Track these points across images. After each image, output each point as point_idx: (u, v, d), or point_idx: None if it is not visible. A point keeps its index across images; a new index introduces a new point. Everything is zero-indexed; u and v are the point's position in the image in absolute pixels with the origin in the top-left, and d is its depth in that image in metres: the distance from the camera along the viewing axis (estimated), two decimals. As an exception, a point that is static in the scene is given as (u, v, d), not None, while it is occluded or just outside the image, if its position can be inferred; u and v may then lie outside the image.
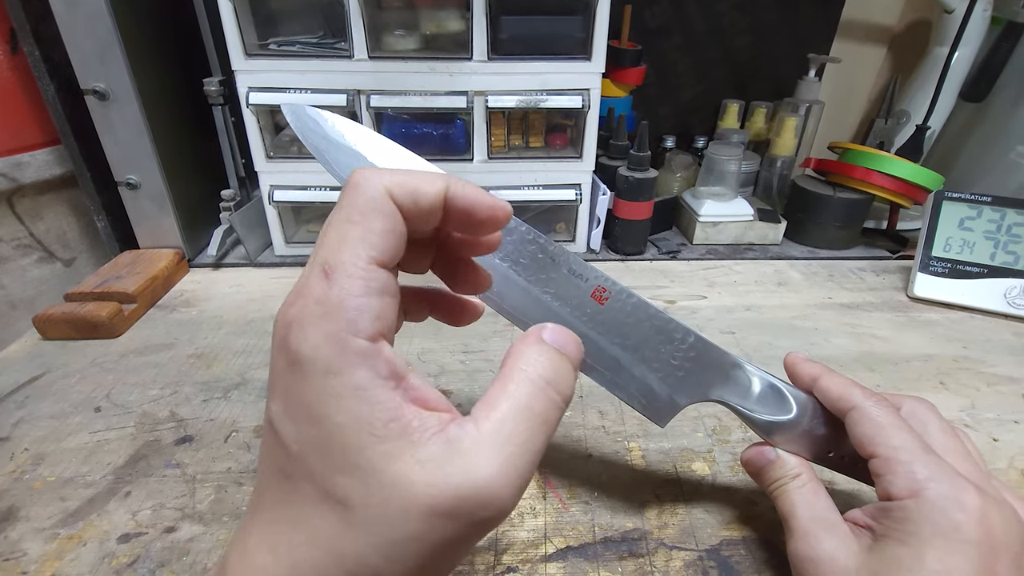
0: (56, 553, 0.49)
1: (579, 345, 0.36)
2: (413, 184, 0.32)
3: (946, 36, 1.08)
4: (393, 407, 0.29)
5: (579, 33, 0.86)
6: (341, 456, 0.28)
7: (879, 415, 0.41)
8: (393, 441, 0.28)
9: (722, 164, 1.03)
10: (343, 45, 0.84)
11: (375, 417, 0.28)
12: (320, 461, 0.29)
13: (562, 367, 0.34)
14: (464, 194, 0.34)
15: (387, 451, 0.28)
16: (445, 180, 0.34)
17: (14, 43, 0.83)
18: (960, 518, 0.35)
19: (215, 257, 0.94)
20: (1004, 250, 0.86)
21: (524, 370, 0.33)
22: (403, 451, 0.28)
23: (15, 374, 0.70)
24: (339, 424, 0.28)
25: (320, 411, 0.28)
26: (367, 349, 0.29)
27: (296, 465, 0.29)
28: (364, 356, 0.29)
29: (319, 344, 0.28)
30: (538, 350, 0.34)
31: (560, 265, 0.45)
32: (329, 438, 0.28)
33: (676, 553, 0.49)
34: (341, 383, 0.28)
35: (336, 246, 0.30)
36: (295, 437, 0.29)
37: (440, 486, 0.28)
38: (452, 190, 0.33)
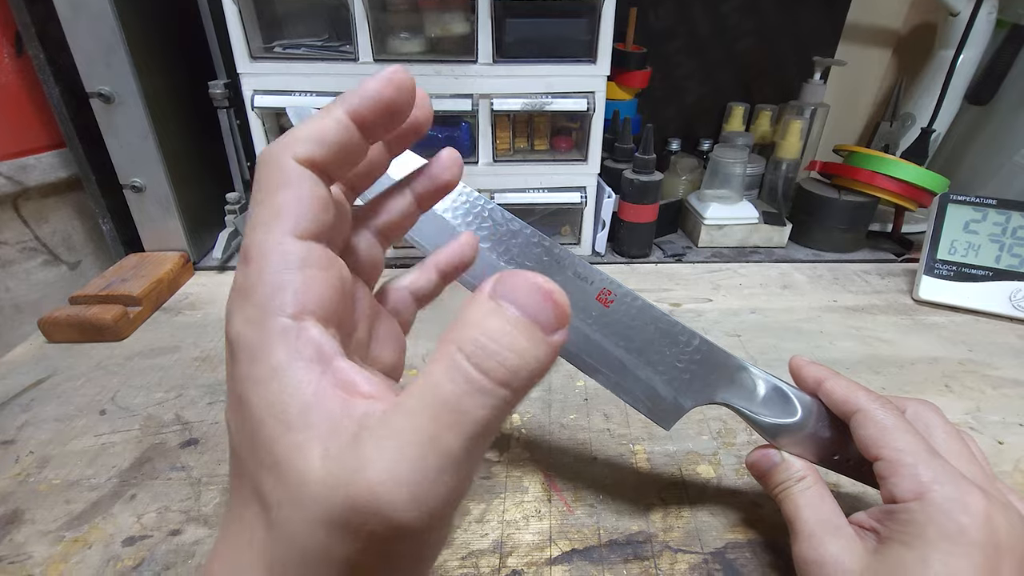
0: (61, 556, 0.49)
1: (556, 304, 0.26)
2: (310, 130, 0.30)
3: (951, 39, 1.08)
4: (310, 392, 0.25)
5: (584, 36, 0.86)
6: (263, 449, 0.25)
7: (884, 418, 0.41)
8: (305, 431, 0.25)
9: (727, 167, 1.03)
10: (348, 48, 0.84)
11: (288, 403, 0.25)
12: (249, 455, 0.26)
13: (502, 331, 0.24)
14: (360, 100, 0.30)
15: (298, 443, 0.25)
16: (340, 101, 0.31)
17: (19, 46, 0.83)
18: (965, 521, 0.35)
19: (220, 260, 0.95)
20: (1009, 253, 0.85)
21: (451, 340, 0.25)
22: (313, 444, 0.24)
23: (20, 377, 0.70)
24: (257, 413, 0.26)
25: (244, 400, 0.26)
26: (286, 327, 0.26)
27: (238, 462, 0.28)
28: (283, 334, 0.26)
29: (241, 330, 0.27)
30: (476, 310, 0.25)
31: (565, 268, 0.45)
32: (253, 430, 0.26)
33: (681, 556, 0.49)
34: (260, 367, 0.26)
35: (252, 231, 0.29)
36: (235, 431, 0.28)
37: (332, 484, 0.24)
38: (350, 105, 0.30)
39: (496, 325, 0.24)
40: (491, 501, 0.54)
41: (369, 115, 0.31)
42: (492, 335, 0.24)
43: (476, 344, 0.24)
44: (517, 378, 0.24)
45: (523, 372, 0.24)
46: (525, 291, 0.25)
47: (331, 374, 0.26)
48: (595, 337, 0.46)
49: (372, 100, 0.30)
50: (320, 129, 0.30)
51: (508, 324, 0.25)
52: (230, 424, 0.28)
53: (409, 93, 0.31)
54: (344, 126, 0.30)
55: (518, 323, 0.25)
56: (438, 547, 0.28)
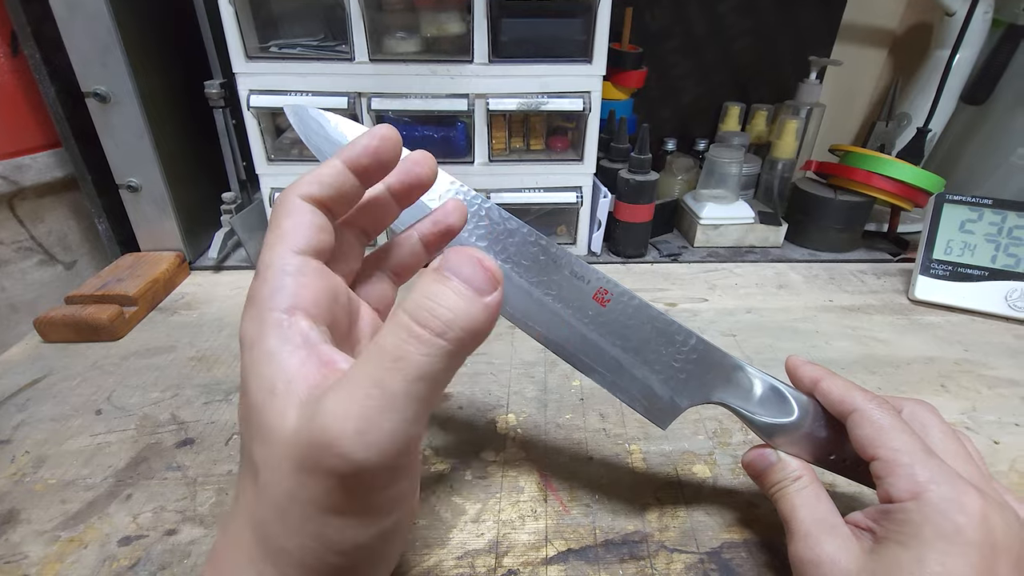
0: (57, 556, 0.49)
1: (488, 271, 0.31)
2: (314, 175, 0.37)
3: (947, 39, 1.08)
4: (296, 368, 0.31)
5: (580, 36, 0.86)
6: (254, 418, 0.30)
7: (880, 417, 0.41)
8: (287, 398, 0.30)
9: (723, 167, 1.03)
10: (344, 48, 0.84)
11: (277, 377, 0.30)
12: (246, 430, 0.32)
13: (441, 292, 0.29)
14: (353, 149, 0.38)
15: (281, 409, 0.29)
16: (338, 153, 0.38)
17: (15, 45, 0.83)
18: (961, 520, 0.35)
19: (216, 260, 0.94)
20: (1005, 253, 0.86)
21: (399, 309, 0.30)
22: (292, 408, 0.29)
23: (16, 377, 0.70)
24: (252, 388, 0.31)
25: (245, 380, 0.32)
26: (280, 319, 0.32)
27: (241, 443, 0.33)
28: (277, 325, 0.32)
29: (247, 326, 0.33)
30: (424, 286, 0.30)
31: (562, 267, 0.45)
32: (249, 405, 0.31)
33: (677, 556, 0.49)
34: (258, 351, 0.32)
35: (263, 253, 0.35)
36: (239, 412, 0.33)
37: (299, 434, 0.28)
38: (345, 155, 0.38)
39: (435, 288, 0.30)
40: (487, 501, 0.54)
41: (361, 161, 0.38)
42: (430, 295, 0.29)
43: (415, 303, 0.29)
44: (452, 329, 0.29)
45: (456, 324, 0.29)
46: (461, 261, 0.31)
47: (315, 356, 0.31)
48: (592, 336, 0.46)
49: (362, 149, 0.38)
50: (320, 174, 0.37)
51: (445, 287, 0.30)
52: (239, 412, 0.33)
53: (394, 144, 0.39)
54: (339, 171, 0.38)
55: (453, 285, 0.30)
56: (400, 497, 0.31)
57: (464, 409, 0.65)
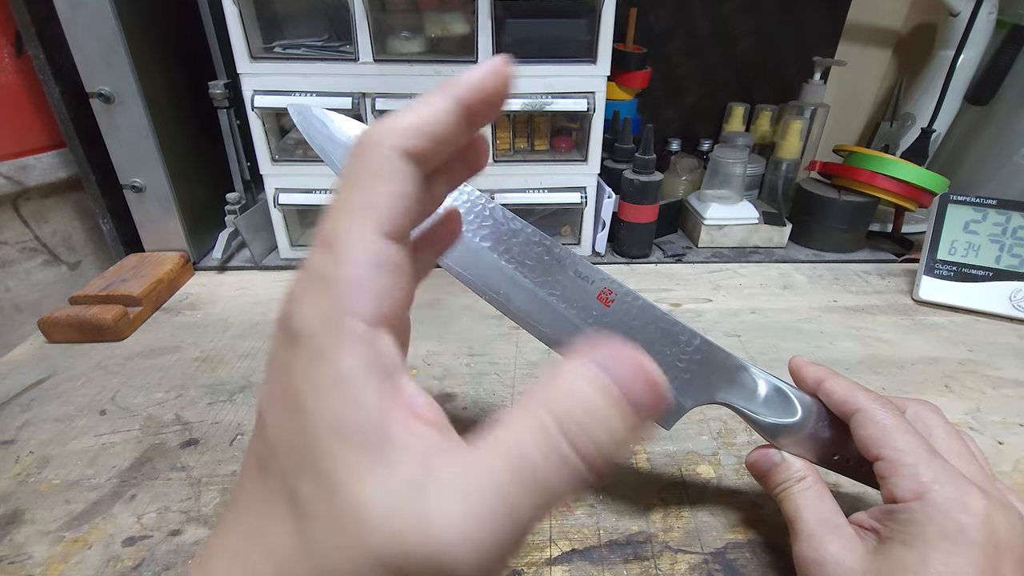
0: (61, 556, 0.49)
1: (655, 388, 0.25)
2: (421, 120, 0.28)
3: (951, 39, 1.08)
4: (375, 410, 0.24)
5: (584, 36, 0.86)
6: (312, 456, 0.24)
7: (884, 418, 0.41)
8: (365, 452, 0.23)
9: (727, 167, 1.03)
10: (348, 48, 0.84)
11: (352, 418, 0.24)
12: (292, 458, 0.25)
13: (600, 409, 0.24)
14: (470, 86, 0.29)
15: (355, 463, 0.23)
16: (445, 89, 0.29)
17: (19, 46, 0.83)
18: (965, 520, 0.35)
19: (220, 260, 0.95)
20: (1009, 253, 0.85)
21: (543, 403, 0.24)
22: (372, 468, 0.23)
23: (20, 377, 0.70)
24: (314, 417, 0.24)
25: (300, 399, 0.25)
26: (363, 334, 0.25)
27: (272, 457, 0.26)
28: (358, 342, 0.24)
29: (313, 322, 0.25)
30: (574, 376, 0.25)
31: (566, 267, 0.45)
32: (303, 432, 0.24)
33: (681, 556, 0.49)
34: (326, 369, 0.24)
35: (339, 216, 0.27)
36: (276, 425, 0.26)
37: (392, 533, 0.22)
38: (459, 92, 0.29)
39: (596, 401, 0.24)
40: (491, 501, 0.54)
41: (476, 107, 0.30)
42: (590, 410, 0.24)
43: (572, 419, 0.23)
44: (602, 458, 0.24)
45: (609, 454, 0.24)
46: (630, 369, 0.25)
47: (396, 393, 0.25)
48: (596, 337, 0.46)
49: (479, 91, 0.30)
50: (429, 119, 0.28)
51: (608, 402, 0.24)
52: (267, 412, 0.26)
53: (508, 88, 0.31)
54: (453, 117, 0.29)
55: (618, 403, 0.24)
56: None
57: (468, 410, 0.65)
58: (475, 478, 0.23)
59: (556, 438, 0.23)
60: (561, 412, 0.23)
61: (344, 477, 0.23)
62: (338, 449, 0.23)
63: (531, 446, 0.23)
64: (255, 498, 0.26)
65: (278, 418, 0.26)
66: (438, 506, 0.22)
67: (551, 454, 0.23)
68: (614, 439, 0.24)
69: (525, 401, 0.24)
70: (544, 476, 0.23)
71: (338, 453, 0.23)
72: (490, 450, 0.24)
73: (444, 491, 0.22)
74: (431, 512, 0.22)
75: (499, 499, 0.22)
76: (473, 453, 0.24)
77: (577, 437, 0.23)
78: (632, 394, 0.24)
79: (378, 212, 0.26)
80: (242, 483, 0.27)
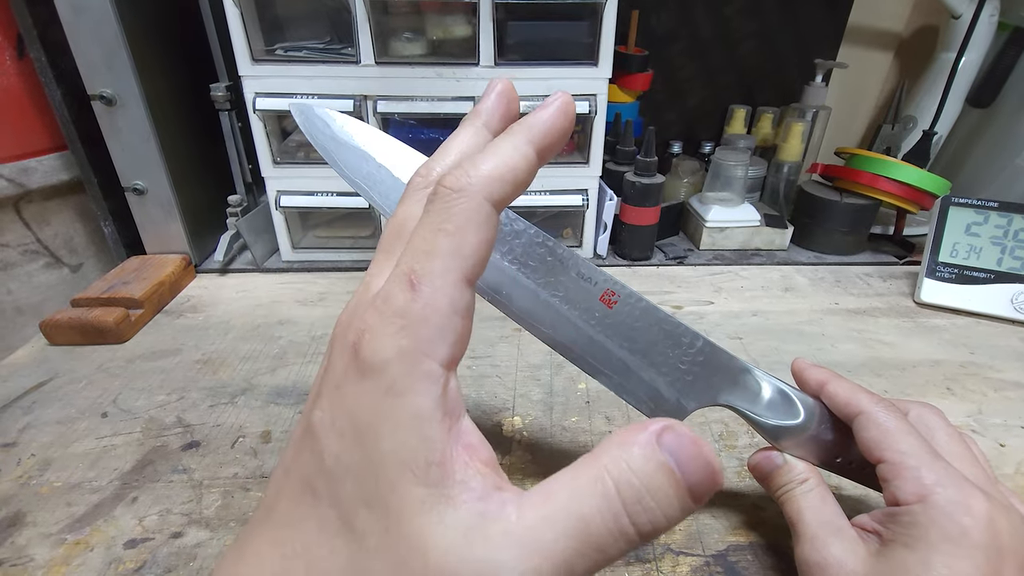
0: (63, 558, 0.49)
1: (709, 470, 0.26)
2: (508, 169, 0.30)
3: (953, 41, 1.08)
4: (441, 448, 0.25)
5: (586, 39, 0.86)
6: (374, 486, 0.25)
7: (886, 420, 0.41)
8: (430, 488, 0.25)
9: (729, 170, 1.03)
10: (350, 50, 0.84)
11: (421, 454, 0.25)
12: (353, 485, 0.26)
13: (661, 490, 0.25)
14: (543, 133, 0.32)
15: (419, 497, 0.24)
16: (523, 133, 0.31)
17: (21, 48, 0.83)
18: (967, 523, 0.35)
19: (222, 262, 0.95)
20: (1011, 255, 0.85)
21: (608, 471, 0.25)
22: (435, 504, 0.24)
23: (22, 379, 0.70)
24: (384, 451, 0.25)
25: (370, 431, 0.26)
26: (437, 375, 0.26)
27: (326, 482, 0.26)
28: (432, 382, 0.26)
29: (391, 359, 0.26)
30: (641, 453, 0.26)
31: (569, 268, 0.45)
32: (369, 463, 0.25)
33: (683, 559, 0.49)
34: (401, 406, 0.26)
35: (426, 256, 0.28)
36: (336, 451, 0.26)
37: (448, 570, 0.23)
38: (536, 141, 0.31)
39: (659, 481, 0.25)
40: (493, 503, 0.54)
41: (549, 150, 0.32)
42: (652, 488, 0.25)
43: (635, 494, 0.25)
44: (655, 533, 0.25)
45: (662, 529, 0.25)
46: (693, 457, 0.26)
47: (459, 434, 0.27)
48: (598, 338, 0.46)
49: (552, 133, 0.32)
50: (512, 167, 0.30)
51: (669, 485, 0.25)
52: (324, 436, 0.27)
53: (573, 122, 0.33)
54: (534, 165, 0.31)
55: (678, 487, 0.25)
56: None
57: (470, 412, 0.65)
58: (535, 532, 0.24)
59: (618, 508, 0.24)
60: (625, 485, 0.25)
61: (407, 509, 0.24)
62: (405, 482, 0.25)
63: (593, 511, 0.24)
64: (300, 518, 0.27)
65: (342, 445, 0.26)
66: (498, 553, 0.23)
67: (611, 523, 0.24)
68: (669, 518, 0.25)
69: (591, 462, 0.26)
70: (600, 541, 0.24)
71: (404, 485, 0.25)
72: (552, 505, 0.25)
73: (504, 537, 0.24)
74: (490, 557, 0.23)
75: (556, 557, 0.24)
76: (534, 504, 0.25)
77: (637, 513, 0.25)
78: (691, 478, 0.25)
79: (464, 261, 0.28)
80: (278, 500, 0.28)
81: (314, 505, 0.27)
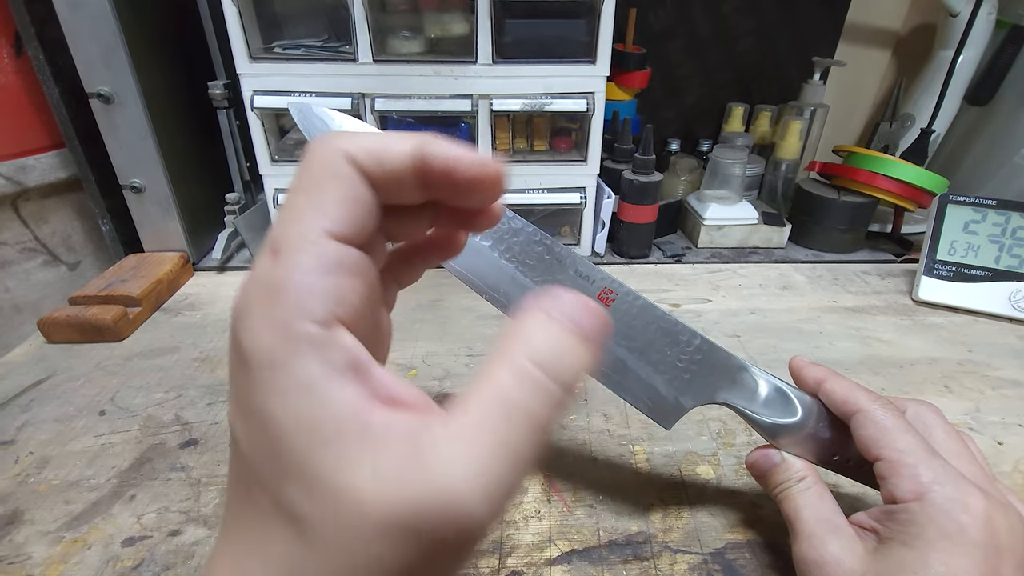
0: (61, 556, 0.49)
1: (600, 318, 0.28)
2: (378, 144, 0.28)
3: (951, 39, 1.08)
4: (348, 405, 0.24)
5: (584, 36, 0.86)
6: (289, 463, 0.24)
7: (884, 418, 0.41)
8: (345, 445, 0.23)
9: (727, 167, 1.03)
10: (348, 48, 0.84)
11: (323, 417, 0.24)
12: (269, 467, 0.24)
13: (569, 348, 0.27)
14: (442, 152, 0.29)
15: (337, 457, 0.23)
16: (419, 138, 0.29)
17: (19, 46, 0.83)
18: (965, 521, 0.35)
19: (220, 260, 0.95)
20: (1009, 253, 0.86)
21: (515, 352, 0.26)
22: (358, 457, 0.23)
23: (20, 377, 0.70)
24: (284, 425, 0.24)
25: (265, 410, 0.24)
26: (317, 336, 0.24)
27: (251, 472, 0.25)
28: (314, 344, 0.24)
29: (262, 333, 0.25)
30: (538, 327, 0.27)
31: (567, 266, 0.45)
32: (276, 441, 0.24)
33: (681, 556, 0.49)
34: (285, 377, 0.24)
35: (286, 220, 0.26)
36: (248, 440, 0.25)
37: (395, 498, 0.22)
38: (428, 148, 0.29)
39: (559, 336, 0.27)
40: (491, 501, 0.54)
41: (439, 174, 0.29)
42: (558, 344, 0.26)
43: (544, 355, 0.26)
44: (575, 380, 0.26)
45: (579, 376, 0.27)
46: (579, 309, 0.28)
47: (370, 385, 0.25)
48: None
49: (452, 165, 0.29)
50: (386, 148, 0.28)
51: (569, 335, 0.27)
52: (237, 430, 0.26)
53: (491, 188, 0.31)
54: (408, 163, 0.28)
55: (576, 333, 0.27)
56: None
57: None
58: (470, 429, 0.24)
59: (535, 374, 0.25)
60: (532, 353, 0.26)
61: (328, 471, 0.23)
62: (315, 448, 0.23)
63: (514, 388, 0.25)
64: (244, 515, 0.26)
65: (248, 434, 0.25)
66: (438, 459, 0.23)
67: (530, 386, 0.25)
68: (581, 361, 0.27)
69: (494, 359, 0.26)
70: (528, 406, 0.25)
71: (316, 452, 0.23)
72: (478, 403, 0.25)
73: (440, 447, 0.23)
74: (431, 466, 0.23)
75: (497, 440, 0.24)
76: (461, 412, 0.25)
77: (552, 367, 0.26)
78: (582, 324, 0.27)
79: (323, 214, 0.26)
80: (229, 505, 0.27)
81: (248, 498, 0.26)
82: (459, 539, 0.23)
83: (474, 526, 0.23)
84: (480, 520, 0.23)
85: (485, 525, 0.24)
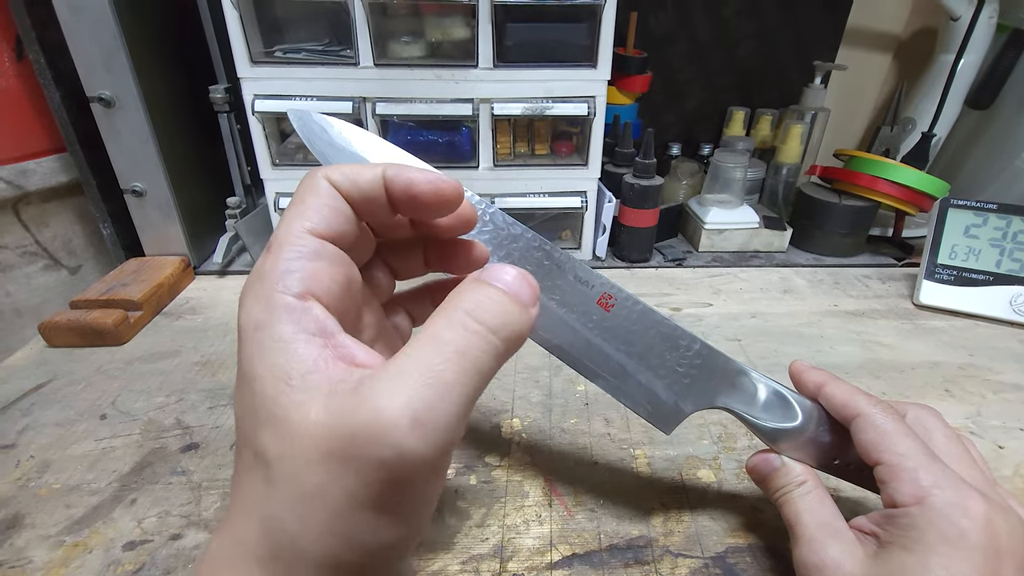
0: (62, 560, 0.49)
1: (528, 280, 0.33)
2: (352, 168, 0.35)
3: (952, 43, 1.08)
4: (313, 360, 0.29)
5: (585, 40, 0.86)
6: (263, 409, 0.28)
7: (884, 422, 0.41)
8: (308, 392, 0.28)
9: (728, 171, 1.03)
10: (349, 52, 0.84)
11: (292, 367, 0.28)
12: (249, 419, 0.29)
13: (498, 301, 0.31)
14: (399, 175, 0.35)
15: (300, 401, 0.27)
16: (384, 165, 0.35)
17: (19, 50, 0.83)
18: (965, 525, 0.35)
19: (221, 264, 0.95)
20: (1010, 257, 0.86)
21: (450, 307, 0.31)
22: (314, 401, 0.27)
23: (21, 381, 0.70)
24: (260, 376, 0.29)
25: (248, 367, 0.30)
26: (292, 304, 0.30)
27: (239, 432, 0.30)
28: (289, 311, 0.30)
29: (251, 306, 0.31)
30: (471, 287, 0.32)
31: (566, 272, 0.45)
32: (254, 393, 0.29)
33: (682, 561, 0.49)
34: (265, 336, 0.29)
35: (278, 227, 0.33)
36: (239, 404, 0.30)
37: (334, 428, 0.26)
38: (388, 172, 0.35)
39: (489, 293, 0.31)
40: (492, 505, 0.54)
41: (401, 194, 0.35)
42: (487, 297, 0.31)
43: (474, 303, 0.30)
44: (506, 329, 0.31)
45: (511, 327, 0.31)
46: (508, 273, 0.33)
47: (332, 347, 0.30)
48: (596, 341, 0.46)
49: (408, 185, 0.35)
50: (357, 172, 0.35)
51: (499, 293, 0.32)
52: (235, 403, 0.31)
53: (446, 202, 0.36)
54: (377, 183, 0.35)
55: (505, 293, 0.32)
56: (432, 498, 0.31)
57: (468, 414, 0.65)
58: (401, 363, 0.28)
59: (464, 318, 0.30)
60: (468, 305, 0.30)
61: (291, 412, 0.27)
62: (281, 392, 0.28)
63: (444, 329, 0.29)
64: (235, 471, 0.31)
65: (240, 398, 0.30)
66: (372, 393, 0.27)
67: (460, 328, 0.29)
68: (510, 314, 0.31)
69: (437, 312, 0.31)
70: (458, 345, 0.29)
71: (281, 396, 0.28)
72: (414, 347, 0.29)
73: (378, 381, 0.27)
74: (367, 399, 0.26)
75: (424, 370, 0.27)
76: (402, 357, 0.28)
77: (481, 314, 0.30)
78: (511, 284, 0.32)
79: (306, 218, 0.33)
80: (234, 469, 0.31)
81: (239, 458, 0.30)
82: (396, 469, 0.26)
83: (407, 454, 0.26)
84: (413, 448, 0.26)
85: (420, 456, 0.26)
